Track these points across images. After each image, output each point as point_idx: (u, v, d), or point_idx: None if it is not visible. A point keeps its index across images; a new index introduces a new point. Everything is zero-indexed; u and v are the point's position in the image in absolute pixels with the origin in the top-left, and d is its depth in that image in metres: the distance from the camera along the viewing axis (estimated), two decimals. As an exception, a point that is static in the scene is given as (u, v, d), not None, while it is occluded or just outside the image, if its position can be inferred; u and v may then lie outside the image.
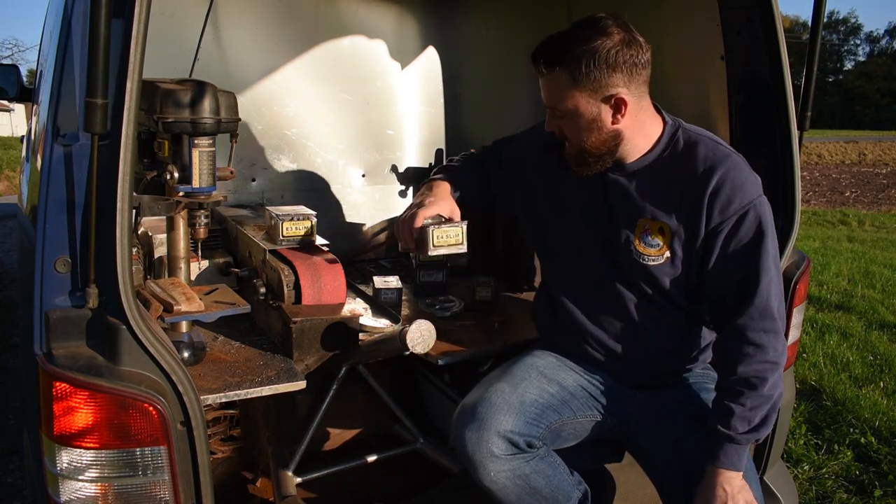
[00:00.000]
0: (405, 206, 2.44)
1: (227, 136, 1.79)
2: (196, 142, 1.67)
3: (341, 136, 2.83)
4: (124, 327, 1.26)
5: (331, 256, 1.92)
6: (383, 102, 2.92)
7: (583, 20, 1.53)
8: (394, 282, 2.20)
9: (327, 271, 1.87)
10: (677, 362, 1.75)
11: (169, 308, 1.60)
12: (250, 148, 2.61)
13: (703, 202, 1.54)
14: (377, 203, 2.91)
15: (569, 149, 1.63)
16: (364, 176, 2.92)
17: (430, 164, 3.01)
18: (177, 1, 2.38)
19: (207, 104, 1.67)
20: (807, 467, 2.98)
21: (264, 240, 1.98)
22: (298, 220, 1.95)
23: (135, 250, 1.81)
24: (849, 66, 78.67)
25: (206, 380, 1.62)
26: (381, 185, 2.95)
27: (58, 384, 1.26)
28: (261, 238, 2.00)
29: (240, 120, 1.78)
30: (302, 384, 1.67)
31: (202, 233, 1.80)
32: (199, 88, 1.67)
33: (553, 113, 1.60)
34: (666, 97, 1.66)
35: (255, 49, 2.58)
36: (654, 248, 1.61)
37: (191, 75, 2.35)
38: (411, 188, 2.98)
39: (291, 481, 1.98)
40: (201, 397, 1.37)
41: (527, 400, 1.66)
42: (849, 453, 3.09)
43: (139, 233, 1.96)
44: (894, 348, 4.49)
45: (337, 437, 2.26)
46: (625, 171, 1.63)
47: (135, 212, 1.57)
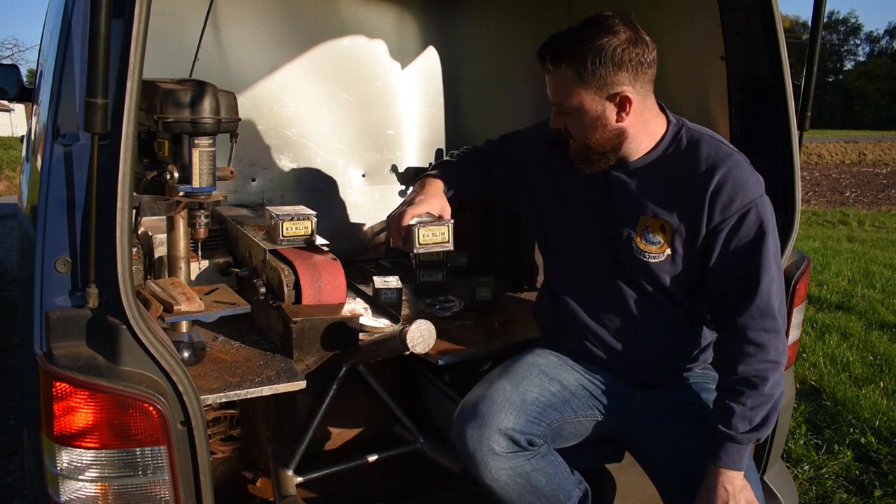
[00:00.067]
0: (403, 205, 2.44)
1: (228, 136, 1.79)
2: (196, 142, 1.67)
3: (341, 136, 2.83)
4: (124, 327, 1.26)
5: (331, 256, 1.92)
6: (383, 102, 2.92)
7: (590, 18, 1.53)
8: (394, 282, 2.20)
9: (327, 271, 1.87)
10: (677, 361, 1.75)
11: (169, 308, 1.60)
12: (250, 148, 2.61)
13: (704, 200, 1.54)
14: (377, 203, 2.91)
15: (573, 146, 1.63)
16: (364, 176, 2.92)
17: (430, 163, 3.01)
18: (177, 1, 2.38)
19: (207, 104, 1.67)
20: (807, 467, 2.98)
21: (264, 240, 1.98)
22: (298, 220, 1.95)
23: (135, 250, 1.81)
24: (849, 66, 78.80)
25: (206, 380, 1.62)
26: (381, 185, 2.94)
27: (58, 384, 1.26)
28: (261, 238, 2.00)
29: (240, 120, 1.78)
30: (302, 384, 1.67)
31: (202, 233, 1.80)
32: (199, 88, 1.67)
33: (558, 110, 1.60)
34: (666, 97, 1.66)
35: (255, 49, 2.58)
36: (656, 246, 1.61)
37: (191, 75, 2.35)
38: (411, 188, 2.97)
39: (291, 481, 1.98)
40: (201, 397, 1.37)
41: (528, 398, 1.66)
42: (849, 453, 3.09)
43: (139, 233, 1.96)
44: (894, 348, 4.49)
45: (337, 437, 2.26)
46: (628, 168, 1.63)
47: (135, 212, 1.56)
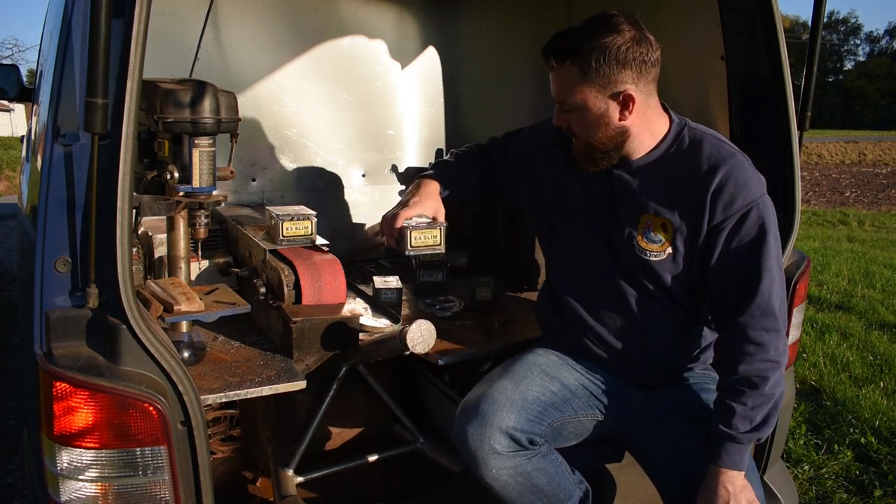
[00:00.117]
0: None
1: (228, 136, 1.79)
2: (196, 142, 1.67)
3: (341, 136, 2.83)
4: (124, 327, 1.26)
5: (331, 256, 1.92)
6: (383, 102, 2.91)
7: (595, 17, 1.54)
8: (394, 282, 2.20)
9: (327, 271, 1.87)
10: (677, 360, 1.75)
11: (169, 308, 1.60)
12: (250, 148, 2.60)
13: (706, 199, 1.54)
14: (377, 203, 2.91)
15: (576, 144, 1.64)
16: (364, 176, 2.92)
17: (430, 163, 3.01)
18: (177, 1, 2.38)
19: (207, 104, 1.67)
20: (807, 467, 2.98)
21: (264, 240, 1.98)
22: (298, 220, 1.95)
23: (135, 250, 1.81)
24: (849, 66, 78.80)
25: (207, 380, 1.62)
26: (381, 185, 2.94)
27: (58, 384, 1.26)
28: (261, 238, 2.00)
29: (240, 120, 1.78)
30: (302, 384, 1.67)
31: (202, 233, 1.80)
32: (200, 88, 1.67)
33: (561, 107, 1.60)
34: (666, 97, 1.67)
35: (255, 49, 2.58)
36: (657, 244, 1.61)
37: (191, 75, 2.35)
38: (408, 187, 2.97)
39: (291, 481, 1.98)
40: (201, 397, 1.37)
41: (529, 397, 1.66)
42: (849, 453, 3.09)
43: (139, 233, 1.96)
44: (894, 348, 4.49)
45: (337, 437, 2.26)
46: (630, 167, 1.63)
47: (135, 212, 1.56)
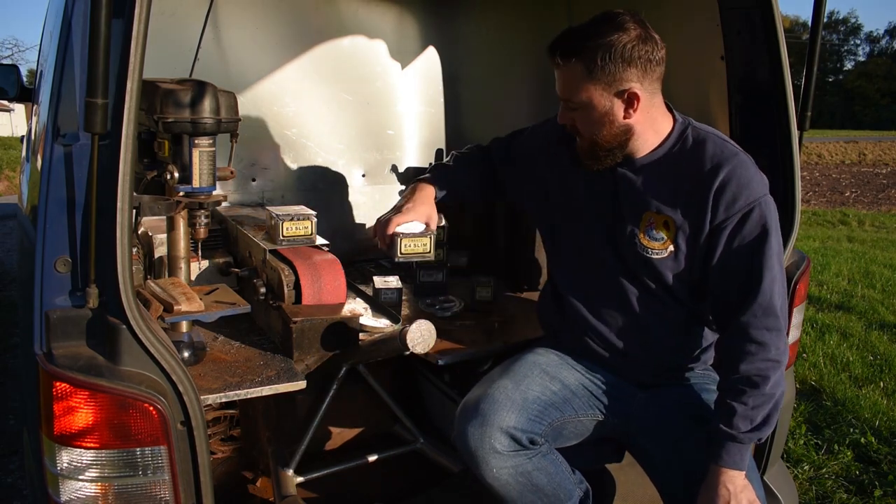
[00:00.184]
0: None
1: (228, 136, 1.79)
2: (196, 142, 1.67)
3: (341, 136, 2.83)
4: (124, 327, 1.26)
5: (331, 256, 1.92)
6: (383, 102, 2.91)
7: (601, 15, 1.54)
8: (394, 282, 2.20)
9: (327, 271, 1.87)
10: (679, 359, 1.75)
11: (169, 308, 1.60)
12: (250, 148, 2.60)
13: (708, 198, 1.55)
14: (377, 203, 2.91)
15: (580, 142, 1.64)
16: (364, 176, 2.92)
17: (430, 163, 3.01)
18: (177, 1, 2.38)
19: (207, 104, 1.67)
20: (807, 467, 2.98)
21: (264, 240, 1.98)
22: (298, 220, 1.95)
23: (135, 250, 1.81)
24: (849, 66, 78.79)
25: (207, 380, 1.62)
26: (381, 185, 2.94)
27: (58, 384, 1.26)
28: (261, 238, 2.00)
29: (240, 120, 1.78)
30: (302, 384, 1.67)
31: (202, 233, 1.80)
32: (199, 88, 1.67)
33: (566, 105, 1.61)
34: (666, 97, 1.66)
35: (255, 49, 2.58)
36: (659, 242, 1.61)
37: (191, 75, 2.35)
38: (405, 187, 2.97)
39: (291, 481, 1.98)
40: (201, 397, 1.37)
41: (529, 397, 1.66)
42: (849, 453, 3.09)
43: (139, 233, 1.96)
44: (894, 348, 4.49)
45: (337, 437, 2.26)
46: (634, 165, 1.64)
47: (135, 212, 1.57)
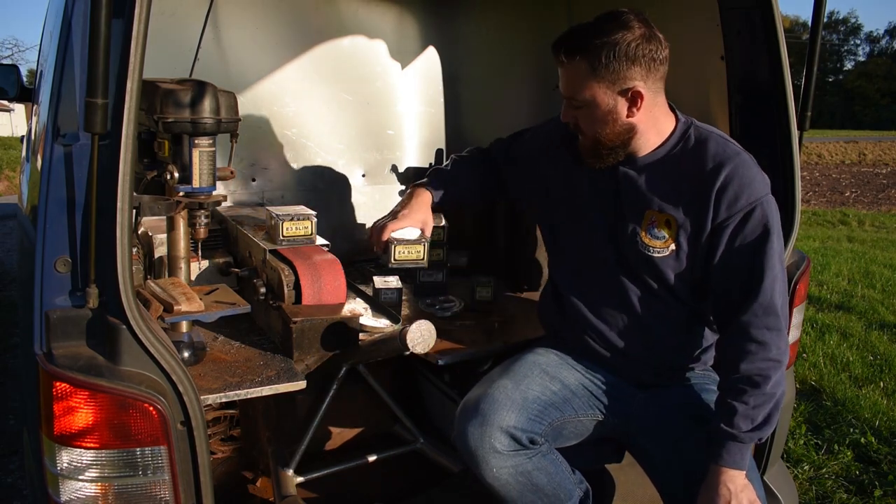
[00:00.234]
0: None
1: (228, 136, 1.79)
2: (196, 142, 1.67)
3: (341, 136, 2.83)
4: (124, 327, 1.26)
5: (331, 256, 1.92)
6: (383, 102, 2.91)
7: (605, 14, 1.55)
8: (394, 282, 2.20)
9: (327, 271, 1.87)
10: (680, 359, 1.75)
11: (169, 308, 1.60)
12: (250, 148, 2.60)
13: (710, 197, 1.55)
14: (377, 203, 2.91)
15: (582, 141, 1.64)
16: (364, 176, 2.92)
17: (430, 163, 3.01)
18: (177, 1, 2.38)
19: (207, 104, 1.67)
20: (807, 467, 2.98)
21: (264, 240, 1.98)
22: (298, 220, 1.95)
23: (135, 250, 1.81)
24: (849, 66, 78.79)
25: (207, 380, 1.62)
26: (381, 185, 2.94)
27: (58, 384, 1.25)
28: (261, 238, 2.00)
29: (240, 120, 1.78)
30: (302, 384, 1.67)
31: (202, 233, 1.80)
32: (199, 88, 1.67)
33: (569, 103, 1.61)
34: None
35: (255, 49, 2.58)
36: (660, 241, 1.61)
37: (191, 75, 2.35)
38: (405, 187, 2.98)
39: (291, 481, 1.98)
40: (201, 397, 1.37)
41: (529, 396, 1.66)
42: (849, 453, 3.09)
43: (139, 233, 1.96)
44: (894, 348, 4.49)
45: (337, 437, 2.26)
46: (636, 164, 1.64)
47: (135, 212, 1.56)
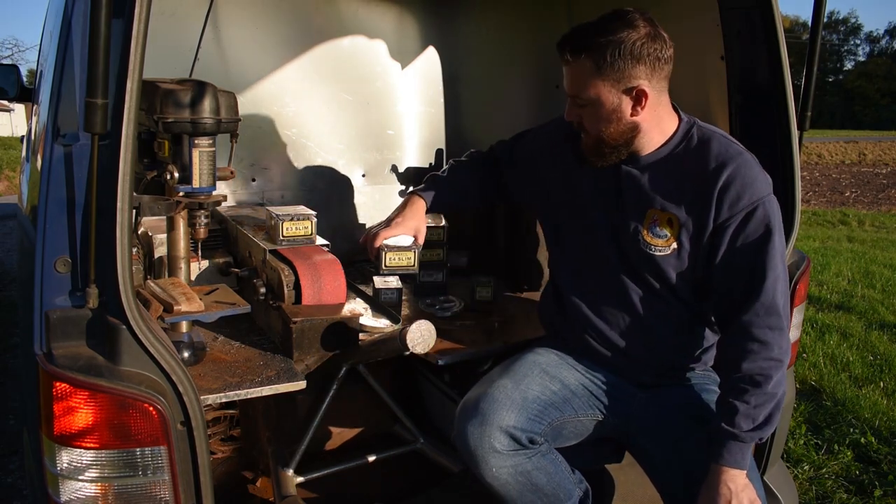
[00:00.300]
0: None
1: (228, 136, 1.79)
2: (196, 142, 1.67)
3: (341, 136, 2.83)
4: (124, 327, 1.26)
5: (331, 256, 1.92)
6: (383, 102, 2.91)
7: (610, 12, 1.55)
8: (394, 282, 2.20)
9: (327, 271, 1.87)
10: (681, 359, 1.75)
11: (169, 308, 1.60)
12: (250, 148, 2.60)
13: (712, 196, 1.55)
14: (377, 203, 2.91)
15: (586, 139, 1.64)
16: (364, 176, 2.92)
17: (430, 163, 3.01)
18: (177, 1, 2.38)
19: (207, 104, 1.67)
20: (807, 467, 2.98)
21: (264, 240, 1.98)
22: (298, 220, 1.95)
23: (135, 250, 1.81)
24: (849, 66, 78.74)
25: (206, 380, 1.62)
26: (381, 185, 2.95)
27: (58, 384, 1.25)
28: (261, 238, 2.00)
29: (240, 120, 1.78)
30: (302, 384, 1.67)
31: (202, 233, 1.80)
32: (199, 88, 1.67)
33: (574, 102, 1.61)
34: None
35: (255, 49, 2.58)
36: (662, 239, 1.62)
37: (191, 75, 2.35)
38: (411, 188, 2.97)
39: (291, 481, 1.98)
40: (201, 397, 1.37)
41: (529, 396, 1.66)
42: (849, 453, 3.09)
43: (139, 233, 1.96)
44: (894, 348, 4.49)
45: (337, 437, 2.26)
46: (638, 163, 1.64)
47: (135, 212, 1.57)
